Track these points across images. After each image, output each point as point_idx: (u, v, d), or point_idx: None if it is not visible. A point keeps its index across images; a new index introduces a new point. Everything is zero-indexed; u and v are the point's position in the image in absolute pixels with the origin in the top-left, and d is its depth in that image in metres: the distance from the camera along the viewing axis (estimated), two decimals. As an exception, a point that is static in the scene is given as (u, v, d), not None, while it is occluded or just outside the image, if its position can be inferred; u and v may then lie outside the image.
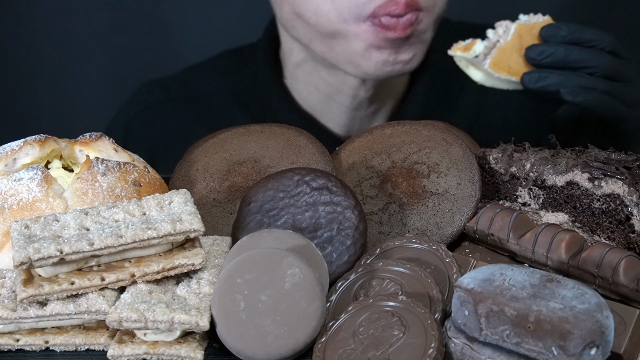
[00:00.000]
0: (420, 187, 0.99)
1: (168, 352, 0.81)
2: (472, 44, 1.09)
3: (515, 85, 1.10)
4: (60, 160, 0.98)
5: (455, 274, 0.86)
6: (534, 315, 0.72)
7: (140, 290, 0.83)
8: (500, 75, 1.08)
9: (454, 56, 1.12)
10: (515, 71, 1.08)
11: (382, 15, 1.19)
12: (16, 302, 0.83)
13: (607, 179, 0.92)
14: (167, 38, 1.84)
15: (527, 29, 1.08)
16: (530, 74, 1.06)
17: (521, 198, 0.99)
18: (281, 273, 0.81)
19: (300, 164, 1.01)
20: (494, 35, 1.09)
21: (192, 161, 1.05)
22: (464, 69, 1.13)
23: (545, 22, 1.08)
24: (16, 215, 0.89)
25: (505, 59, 1.08)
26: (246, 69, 1.44)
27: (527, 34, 1.08)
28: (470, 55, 1.09)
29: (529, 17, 1.10)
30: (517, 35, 1.08)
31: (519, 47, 1.07)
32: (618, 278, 0.82)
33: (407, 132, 1.04)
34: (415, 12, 1.19)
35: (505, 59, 1.08)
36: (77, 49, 1.85)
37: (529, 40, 1.07)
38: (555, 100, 1.09)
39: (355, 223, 0.89)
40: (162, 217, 0.85)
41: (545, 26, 1.07)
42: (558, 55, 1.05)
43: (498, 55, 1.08)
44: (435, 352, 0.75)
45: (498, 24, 1.10)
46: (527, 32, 1.08)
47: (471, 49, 1.09)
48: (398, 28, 1.19)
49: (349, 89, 1.32)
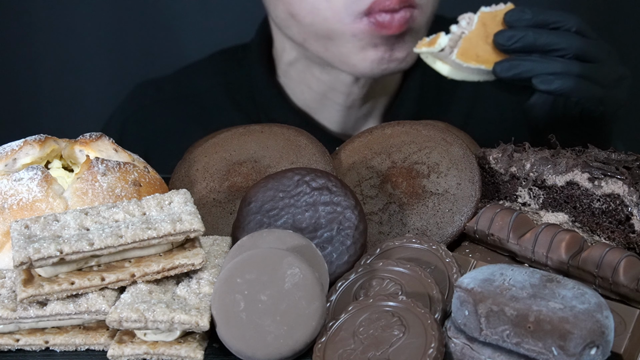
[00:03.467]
0: (420, 187, 0.99)
1: (168, 352, 0.81)
2: (436, 38, 1.08)
3: (486, 76, 1.08)
4: (60, 160, 0.98)
5: (455, 274, 0.86)
6: (534, 315, 0.72)
7: (140, 290, 0.83)
8: (470, 64, 1.06)
9: (420, 53, 1.11)
10: (484, 59, 1.06)
11: (377, 11, 1.18)
12: (16, 302, 0.83)
13: (607, 179, 0.92)
14: (165, 39, 1.84)
15: (491, 16, 1.07)
16: (501, 62, 1.05)
17: (521, 198, 0.99)
18: (281, 273, 0.81)
19: (300, 164, 1.01)
20: (458, 28, 1.08)
21: (192, 161, 1.05)
22: (431, 64, 1.11)
23: (508, 7, 1.08)
24: (16, 215, 0.89)
25: (472, 48, 1.06)
26: (240, 68, 1.44)
27: (491, 21, 1.07)
28: (436, 49, 1.08)
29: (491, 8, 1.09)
30: (480, 23, 1.07)
31: (484, 35, 1.06)
32: (618, 278, 0.82)
33: (407, 132, 1.04)
34: (410, 8, 1.19)
35: (472, 47, 1.06)
36: (77, 49, 1.85)
37: (494, 27, 1.06)
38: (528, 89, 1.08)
39: (355, 223, 0.89)
40: (162, 217, 0.85)
41: (509, 11, 1.06)
42: (527, 40, 1.04)
43: (464, 45, 1.07)
44: (435, 352, 0.75)
45: (461, 17, 1.09)
46: (490, 20, 1.07)
47: (436, 43, 1.08)
48: (393, 25, 1.19)
49: (343, 87, 1.32)
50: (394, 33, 1.20)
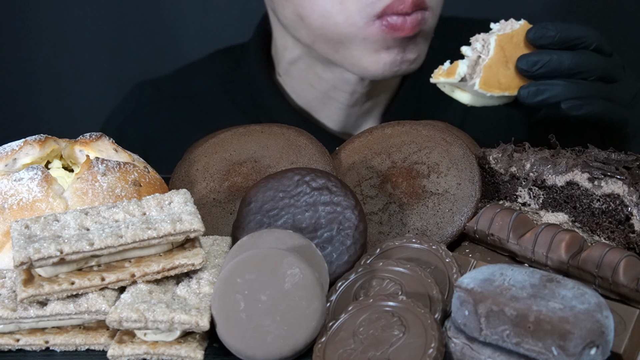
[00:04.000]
0: (420, 187, 0.99)
1: (168, 352, 0.81)
2: (454, 67, 1.03)
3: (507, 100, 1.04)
4: (60, 160, 0.98)
5: (455, 274, 0.86)
6: (534, 315, 0.72)
7: (140, 290, 0.83)
8: (493, 93, 1.02)
9: (437, 83, 1.06)
10: (506, 86, 1.02)
11: (390, 14, 1.17)
12: (16, 302, 0.83)
13: (607, 179, 0.92)
14: (164, 39, 1.84)
15: (507, 38, 1.02)
16: (527, 87, 1.01)
17: (521, 198, 0.99)
18: (281, 273, 0.81)
19: (300, 164, 1.01)
20: (473, 52, 1.03)
21: (192, 161, 1.05)
22: (449, 93, 1.07)
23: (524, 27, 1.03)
24: (16, 215, 0.89)
25: (493, 76, 1.02)
26: (238, 67, 1.44)
27: (508, 43, 1.03)
28: (455, 80, 1.03)
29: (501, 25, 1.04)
30: (498, 48, 1.02)
31: (504, 60, 1.02)
32: (618, 278, 0.82)
33: (407, 132, 1.04)
34: (422, 11, 1.18)
35: (494, 75, 1.02)
36: (77, 49, 1.85)
37: (512, 49, 1.02)
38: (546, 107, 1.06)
39: (355, 223, 0.90)
40: (162, 217, 0.85)
41: (532, 28, 1.02)
42: (552, 64, 1.01)
43: (486, 74, 1.02)
44: (435, 352, 0.75)
45: (473, 38, 1.03)
46: (507, 42, 1.03)
47: (455, 73, 1.03)
48: (406, 28, 1.18)
49: (347, 86, 1.31)
50: (407, 35, 1.19)
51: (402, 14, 1.17)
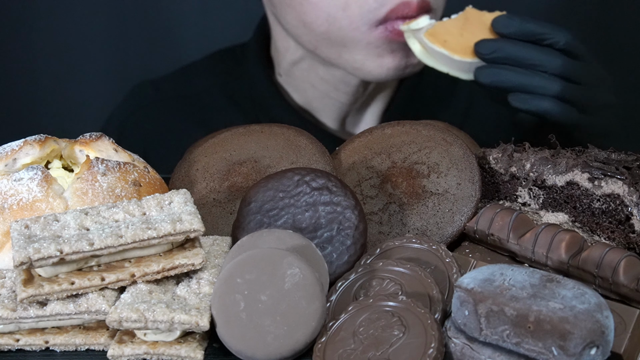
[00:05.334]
0: (420, 187, 0.99)
1: (168, 352, 0.81)
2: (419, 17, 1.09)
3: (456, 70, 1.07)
4: (60, 160, 0.98)
5: (455, 274, 0.86)
6: (534, 315, 0.72)
7: (140, 290, 0.83)
8: (434, 46, 1.06)
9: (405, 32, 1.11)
10: (450, 47, 1.06)
11: (394, 19, 1.17)
12: (16, 302, 0.83)
13: (607, 179, 0.92)
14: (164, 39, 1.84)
15: (477, 14, 1.06)
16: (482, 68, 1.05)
17: (521, 198, 0.99)
18: (281, 273, 0.81)
19: (300, 164, 1.01)
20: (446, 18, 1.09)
21: (192, 161, 1.05)
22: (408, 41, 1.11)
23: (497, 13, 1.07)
24: (16, 215, 0.89)
25: (442, 33, 1.06)
26: (238, 67, 1.44)
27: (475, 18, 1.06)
28: (414, 26, 1.08)
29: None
30: (463, 16, 1.06)
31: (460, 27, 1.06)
32: (618, 278, 0.82)
33: (407, 132, 1.04)
34: (426, 14, 1.18)
35: (443, 32, 1.06)
36: (77, 49, 1.85)
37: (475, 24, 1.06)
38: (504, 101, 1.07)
39: (355, 223, 0.90)
40: (162, 217, 0.85)
41: (497, 17, 1.06)
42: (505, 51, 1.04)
43: (436, 27, 1.07)
44: (435, 352, 0.75)
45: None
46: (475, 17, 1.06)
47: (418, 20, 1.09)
48: None
49: (348, 87, 1.31)
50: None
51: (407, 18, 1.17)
